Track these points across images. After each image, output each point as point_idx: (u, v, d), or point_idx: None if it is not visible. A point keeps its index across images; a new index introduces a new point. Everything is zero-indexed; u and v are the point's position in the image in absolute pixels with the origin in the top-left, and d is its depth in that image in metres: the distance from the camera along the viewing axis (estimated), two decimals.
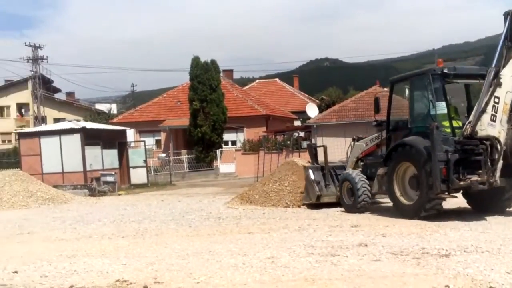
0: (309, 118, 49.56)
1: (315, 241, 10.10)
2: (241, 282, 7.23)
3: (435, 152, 12.21)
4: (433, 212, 12.71)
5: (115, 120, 46.48)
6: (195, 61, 39.38)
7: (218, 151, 39.89)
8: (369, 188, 14.89)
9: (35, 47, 47.38)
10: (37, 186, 21.70)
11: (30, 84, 66.55)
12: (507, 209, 13.54)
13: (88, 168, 28.45)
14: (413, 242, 9.68)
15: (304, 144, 34.37)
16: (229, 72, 50.77)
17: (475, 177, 12.31)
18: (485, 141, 12.38)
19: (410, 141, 13.32)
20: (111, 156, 30.59)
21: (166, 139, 44.70)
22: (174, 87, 50.60)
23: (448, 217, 12.70)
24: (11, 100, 66.84)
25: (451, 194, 12.71)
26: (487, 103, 12.46)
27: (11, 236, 12.88)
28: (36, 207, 20.33)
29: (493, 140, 12.37)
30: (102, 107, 70.89)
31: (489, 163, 12.30)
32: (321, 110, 48.70)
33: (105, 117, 55.15)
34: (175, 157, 41.22)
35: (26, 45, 47.89)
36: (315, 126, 38.40)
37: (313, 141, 36.49)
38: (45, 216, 17.34)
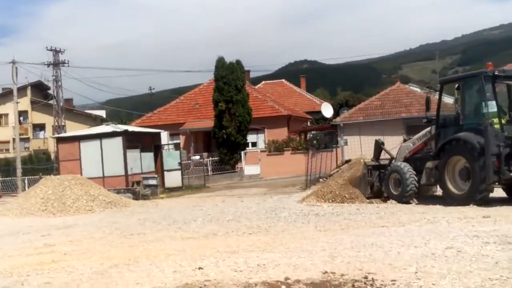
0: (323, 117, 49.83)
1: (468, 231, 10.01)
2: (467, 270, 7.11)
3: (489, 147, 13.72)
4: (483, 199, 14.06)
5: (133, 124, 46.02)
6: (220, 62, 38.84)
7: (242, 153, 39.62)
8: (416, 179, 16.08)
9: (56, 51, 46.46)
10: (97, 190, 21.39)
11: (29, 91, 65.83)
12: None
13: (129, 172, 28.18)
14: None
15: (342, 142, 34.55)
16: (246, 73, 50.49)
17: None
18: None
19: (463, 136, 14.71)
20: (148, 160, 30.36)
21: (185, 142, 44.36)
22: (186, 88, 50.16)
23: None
24: (9, 108, 65.95)
25: (501, 184, 14.29)
26: None
27: (130, 237, 12.61)
28: (101, 211, 20.03)
29: None
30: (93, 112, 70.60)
31: None
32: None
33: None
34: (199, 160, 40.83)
35: (47, 50, 46.79)
36: (341, 125, 38.38)
37: (342, 140, 36.55)
38: (127, 218, 17.12)
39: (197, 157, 39.44)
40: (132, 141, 28.97)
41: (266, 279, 7.39)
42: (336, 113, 47.64)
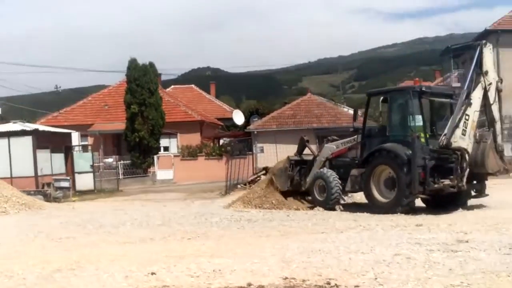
0: (234, 124, 50.10)
1: (408, 239, 10.30)
2: (425, 277, 7.29)
3: (416, 159, 14.40)
4: (408, 208, 14.65)
5: (37, 123, 43.94)
6: (133, 63, 38.02)
7: (155, 157, 38.96)
8: (341, 186, 16.45)
9: None
10: (10, 191, 20.20)
11: None
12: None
13: (39, 173, 26.92)
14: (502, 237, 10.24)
15: (258, 149, 34.81)
16: (158, 77, 49.66)
17: (447, 181, 14.49)
18: (456, 151, 14.56)
19: (390, 147, 15.18)
20: (59, 161, 29.15)
21: (94, 143, 42.89)
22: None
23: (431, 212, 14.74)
24: None
25: (426, 194, 14.83)
26: (460, 120, 14.71)
27: (60, 241, 12.01)
28: (15, 213, 18.91)
29: (463, 150, 14.60)
30: None
31: (458, 170, 14.49)
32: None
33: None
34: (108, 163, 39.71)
35: None
36: (255, 132, 38.73)
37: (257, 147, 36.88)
38: (47, 221, 16.29)
39: (111, 159, 38.36)
40: (42, 141, 27.70)
41: (227, 285, 7.24)
42: (247, 121, 48.05)
